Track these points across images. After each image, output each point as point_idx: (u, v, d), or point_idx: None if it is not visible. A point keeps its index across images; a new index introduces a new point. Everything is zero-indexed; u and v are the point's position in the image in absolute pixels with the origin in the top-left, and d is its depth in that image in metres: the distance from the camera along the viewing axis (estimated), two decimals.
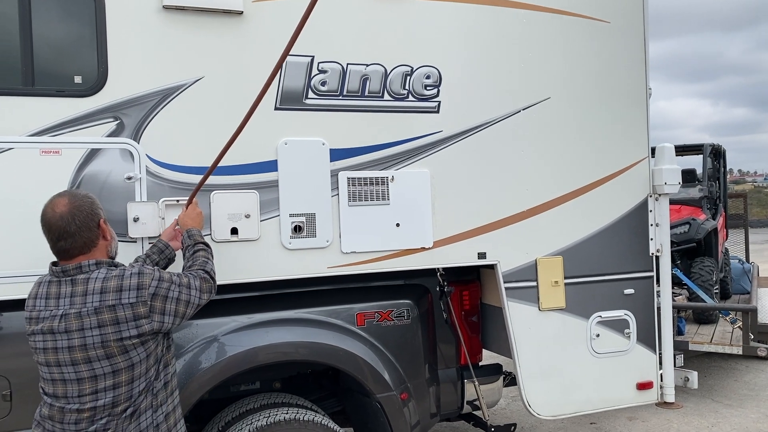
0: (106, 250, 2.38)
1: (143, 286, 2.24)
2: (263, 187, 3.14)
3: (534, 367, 3.66)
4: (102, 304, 2.18)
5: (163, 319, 2.29)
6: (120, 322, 2.19)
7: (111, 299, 2.19)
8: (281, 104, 3.17)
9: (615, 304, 3.84)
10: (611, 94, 3.83)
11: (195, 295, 2.40)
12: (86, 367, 2.18)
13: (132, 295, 2.21)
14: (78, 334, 2.17)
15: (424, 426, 3.66)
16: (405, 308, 3.52)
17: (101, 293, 2.20)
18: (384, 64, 3.34)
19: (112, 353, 2.19)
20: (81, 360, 2.18)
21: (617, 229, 3.84)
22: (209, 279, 2.50)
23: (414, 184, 3.39)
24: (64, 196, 2.33)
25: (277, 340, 3.19)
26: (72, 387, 2.20)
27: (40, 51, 2.83)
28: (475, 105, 3.53)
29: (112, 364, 2.19)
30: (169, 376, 2.40)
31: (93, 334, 2.17)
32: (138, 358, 2.24)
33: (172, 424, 2.39)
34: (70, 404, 2.21)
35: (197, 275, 2.46)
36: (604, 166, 3.81)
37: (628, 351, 3.87)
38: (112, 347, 2.19)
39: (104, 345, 2.18)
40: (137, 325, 2.21)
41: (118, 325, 2.19)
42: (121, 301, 2.20)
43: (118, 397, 2.21)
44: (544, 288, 3.68)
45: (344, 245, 3.27)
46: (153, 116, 2.98)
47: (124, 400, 2.22)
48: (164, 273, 2.35)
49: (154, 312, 2.26)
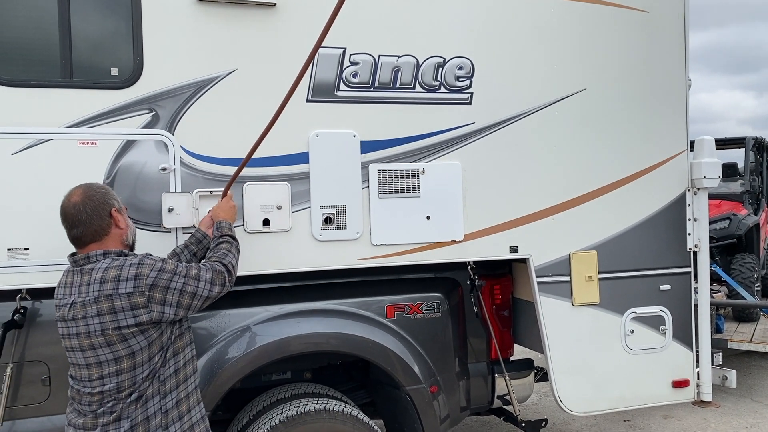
0: (120, 239, 2.43)
1: (141, 276, 2.28)
2: (295, 179, 3.15)
3: (566, 363, 3.61)
4: (101, 294, 2.24)
5: (163, 309, 2.31)
6: (117, 312, 2.24)
7: (109, 289, 2.25)
8: (313, 96, 3.18)
9: (650, 300, 3.77)
10: (649, 86, 3.74)
11: (203, 287, 2.42)
12: (91, 353, 2.26)
13: (129, 285, 2.26)
14: (82, 322, 2.25)
15: (454, 419, 3.65)
16: (435, 301, 3.50)
17: (101, 283, 2.26)
18: (416, 55, 3.32)
19: (112, 341, 2.25)
20: (87, 347, 2.26)
21: (654, 223, 3.76)
22: (224, 272, 2.50)
23: (445, 176, 3.37)
24: (80, 187, 2.41)
25: (308, 331, 3.21)
26: (83, 371, 2.30)
27: (78, 44, 2.88)
28: (509, 96, 3.48)
29: (113, 352, 2.26)
30: (181, 363, 2.44)
31: (94, 323, 2.24)
32: (138, 346, 2.28)
33: (185, 410, 2.42)
34: (85, 387, 2.30)
35: (210, 267, 2.48)
36: (641, 159, 3.73)
37: (663, 348, 3.80)
38: (111, 335, 2.24)
39: (104, 333, 2.24)
40: (134, 315, 2.26)
41: (116, 314, 2.24)
42: (118, 291, 2.24)
43: (122, 383, 2.27)
44: (577, 283, 3.62)
45: (374, 237, 3.26)
46: (187, 108, 3.01)
47: (128, 386, 2.28)
48: (168, 264, 2.37)
49: (153, 302, 2.29)
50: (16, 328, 2.88)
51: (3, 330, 2.83)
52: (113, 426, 2.26)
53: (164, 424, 2.33)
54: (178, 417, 2.38)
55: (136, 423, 2.28)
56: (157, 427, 2.31)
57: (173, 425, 2.36)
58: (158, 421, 2.32)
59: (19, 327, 2.88)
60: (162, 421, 2.33)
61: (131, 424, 2.27)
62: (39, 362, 2.93)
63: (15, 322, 2.86)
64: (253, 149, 2.77)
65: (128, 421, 2.26)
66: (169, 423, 2.35)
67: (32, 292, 2.92)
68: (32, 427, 2.92)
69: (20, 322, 2.87)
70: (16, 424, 2.91)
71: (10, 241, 2.80)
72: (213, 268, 2.48)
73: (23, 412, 2.92)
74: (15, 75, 2.80)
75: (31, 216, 2.79)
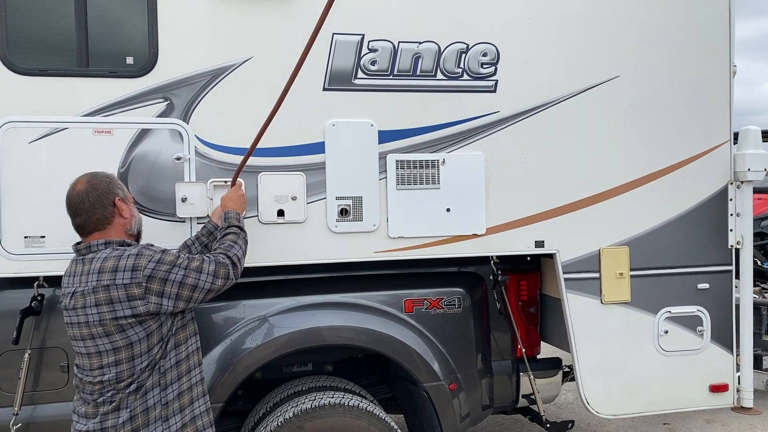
0: (124, 228, 2.42)
1: (138, 267, 2.25)
2: (310, 169, 3.09)
3: (594, 363, 3.45)
4: (98, 284, 2.23)
5: (160, 301, 2.29)
6: (114, 302, 2.22)
7: (106, 279, 2.23)
8: (329, 85, 3.10)
9: (687, 300, 3.56)
10: (689, 72, 3.52)
11: (206, 280, 2.38)
12: (91, 343, 2.26)
13: (126, 276, 2.24)
14: (81, 311, 2.25)
15: (475, 418, 3.55)
16: (456, 296, 3.40)
17: (99, 273, 2.24)
18: (437, 41, 3.20)
19: (110, 331, 2.24)
20: (87, 336, 2.26)
21: (692, 218, 3.55)
22: (228, 264, 2.46)
23: (467, 167, 3.25)
24: (85, 176, 2.42)
25: (320, 324, 3.16)
26: (85, 360, 2.30)
27: (94, 32, 2.88)
28: (536, 84, 3.33)
29: (111, 342, 2.25)
30: (183, 355, 2.41)
31: (92, 312, 2.23)
32: (136, 337, 2.26)
33: (187, 402, 2.40)
34: (87, 376, 2.31)
35: (214, 259, 2.44)
36: (679, 150, 3.52)
37: (700, 350, 3.59)
38: (109, 326, 2.23)
39: (102, 323, 2.23)
40: (131, 306, 2.24)
41: (112, 304, 2.22)
42: (115, 282, 2.23)
43: (121, 374, 2.26)
44: (607, 280, 3.45)
45: (392, 230, 3.18)
46: (202, 97, 2.98)
47: (127, 377, 2.27)
48: (168, 255, 2.34)
49: (150, 294, 2.26)
50: (34, 314, 2.91)
51: (21, 317, 2.87)
52: (112, 415, 2.25)
53: (164, 416, 2.32)
54: (179, 409, 2.36)
55: (136, 414, 2.27)
56: (156, 418, 2.30)
57: (173, 417, 2.34)
58: (158, 413, 2.30)
59: (36, 314, 2.92)
60: (162, 413, 2.31)
61: (130, 415, 2.26)
62: (57, 348, 2.97)
63: (32, 309, 2.90)
64: (257, 139, 2.73)
65: (127, 411, 2.26)
66: (170, 415, 2.33)
67: (50, 279, 2.95)
68: (51, 413, 2.97)
69: (37, 309, 2.91)
70: (35, 409, 2.96)
71: (27, 228, 2.83)
72: (217, 260, 2.44)
73: (42, 397, 2.96)
74: (31, 64, 2.82)
75: (48, 204, 2.81)
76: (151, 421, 2.29)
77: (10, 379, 2.91)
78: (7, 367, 2.92)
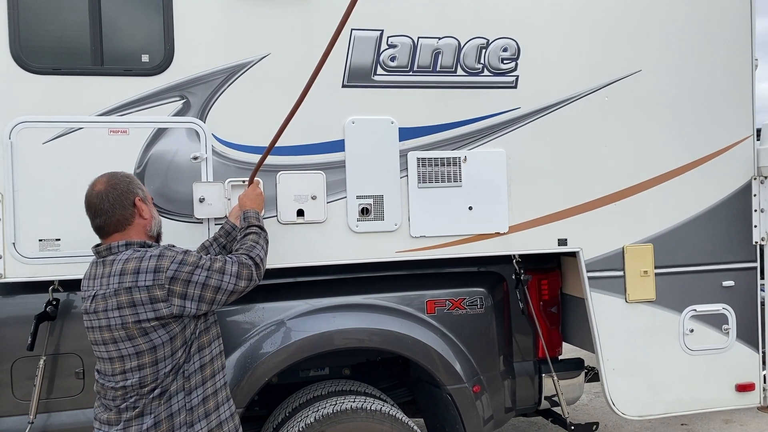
0: (144, 229, 2.36)
1: (161, 269, 2.19)
2: (330, 168, 3.03)
3: (619, 363, 3.38)
4: (120, 286, 2.17)
5: (184, 303, 2.22)
6: (136, 305, 2.16)
7: (128, 281, 2.17)
8: (349, 81, 3.04)
9: (712, 297, 3.50)
10: (711, 66, 3.46)
11: (228, 281, 2.31)
12: (113, 347, 2.19)
13: (149, 277, 2.17)
14: (103, 315, 2.18)
15: (498, 420, 3.47)
16: (478, 296, 3.33)
17: (120, 275, 2.18)
18: (457, 36, 3.14)
19: (132, 335, 2.17)
20: (109, 340, 2.19)
21: (716, 214, 3.49)
22: (251, 265, 2.39)
23: (488, 164, 3.19)
24: (105, 176, 2.35)
25: (343, 326, 3.09)
26: (106, 366, 2.24)
27: (109, 30, 2.82)
28: (557, 79, 3.27)
29: (135, 346, 2.18)
30: (207, 359, 2.34)
31: (114, 316, 2.17)
32: (160, 340, 2.20)
33: (212, 407, 2.33)
34: (109, 382, 2.24)
35: (236, 260, 2.37)
36: (701, 145, 3.46)
37: (726, 349, 3.52)
38: (132, 329, 2.17)
39: (124, 327, 2.17)
40: (154, 309, 2.17)
41: (135, 307, 2.16)
42: (137, 284, 2.16)
43: (145, 378, 2.20)
44: (631, 278, 3.39)
45: (413, 229, 3.11)
46: (219, 95, 2.92)
47: (150, 381, 2.20)
48: (191, 256, 2.27)
49: (173, 296, 2.19)
50: (49, 320, 2.84)
51: (35, 322, 2.79)
52: (136, 422, 2.18)
53: (189, 422, 2.24)
54: (205, 414, 2.29)
55: (160, 420, 2.19)
56: (182, 424, 2.22)
57: (199, 423, 2.26)
58: (183, 418, 2.23)
59: (51, 319, 2.85)
60: (187, 419, 2.24)
61: (155, 421, 2.18)
62: (72, 354, 2.90)
63: (47, 314, 2.82)
64: (276, 137, 2.67)
65: (151, 417, 2.18)
66: (195, 420, 2.25)
67: (65, 283, 2.88)
68: (66, 420, 2.90)
69: (52, 314, 2.84)
70: (50, 417, 2.89)
71: (42, 231, 2.76)
72: (239, 261, 2.37)
73: (57, 405, 2.89)
74: (45, 63, 2.75)
75: (62, 206, 2.74)
76: (176, 426, 2.22)
77: (24, 386, 2.83)
78: (21, 373, 2.84)
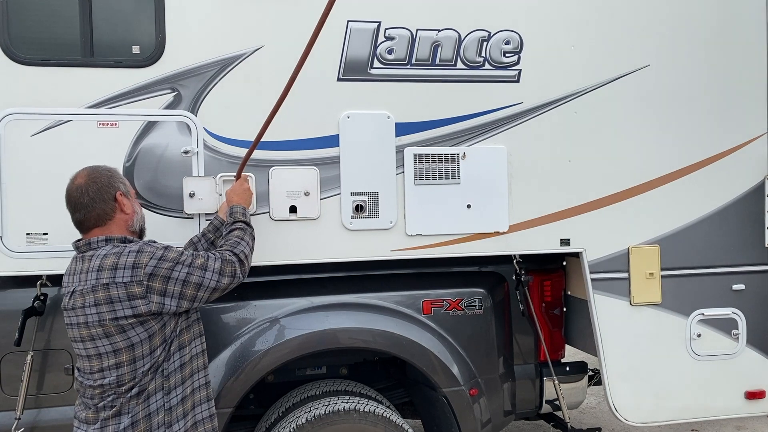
0: (125, 224, 2.30)
1: (139, 265, 2.13)
2: (324, 164, 2.96)
3: (623, 368, 3.28)
4: (98, 282, 2.12)
5: (163, 300, 2.16)
6: (114, 301, 2.11)
7: (106, 277, 2.11)
8: (344, 75, 2.96)
9: (721, 301, 3.37)
10: (723, 61, 3.33)
11: (210, 278, 2.25)
12: (91, 344, 2.14)
13: (126, 274, 2.11)
14: (81, 311, 2.13)
15: (497, 424, 3.38)
16: (477, 297, 3.23)
17: (98, 271, 2.13)
18: (458, 28, 3.05)
19: (110, 332, 2.12)
20: (87, 337, 2.14)
21: (726, 215, 3.36)
22: (234, 261, 2.33)
23: (488, 161, 3.09)
24: (86, 169, 2.31)
25: (334, 326, 3.02)
26: (85, 363, 2.19)
27: (99, 21, 2.77)
28: (561, 73, 3.17)
29: (112, 343, 2.13)
30: (187, 357, 2.28)
31: (91, 312, 2.12)
32: (138, 338, 2.14)
33: (189, 407, 2.27)
34: (87, 380, 2.19)
35: (219, 256, 2.31)
36: (712, 143, 3.34)
37: (735, 354, 3.40)
38: (109, 326, 2.12)
39: (101, 324, 2.11)
40: (132, 306, 2.12)
41: (112, 304, 2.11)
42: (115, 280, 2.11)
43: (122, 377, 2.14)
44: (637, 280, 3.28)
45: (409, 227, 3.03)
46: (211, 87, 2.86)
47: (128, 380, 2.15)
48: (171, 252, 2.22)
49: (152, 292, 2.14)
50: (37, 315, 2.80)
51: (23, 317, 2.75)
52: (113, 421, 2.13)
53: (168, 422, 2.19)
54: (183, 415, 2.23)
55: (137, 419, 2.14)
56: (160, 424, 2.17)
57: (177, 423, 2.21)
58: (161, 419, 2.17)
59: (39, 314, 2.81)
60: (165, 419, 2.18)
61: (132, 421, 2.13)
62: (61, 350, 2.86)
63: (35, 309, 2.79)
64: (262, 131, 2.60)
65: (128, 416, 2.13)
66: (173, 421, 2.20)
67: (54, 278, 2.84)
68: (54, 417, 2.86)
69: (40, 309, 2.80)
70: (38, 413, 2.85)
71: (29, 225, 2.72)
72: (222, 257, 2.31)
73: (45, 401, 2.85)
74: (33, 53, 2.71)
75: (50, 200, 2.68)
76: (154, 427, 2.16)
77: (12, 381, 2.79)
78: (9, 369, 2.81)
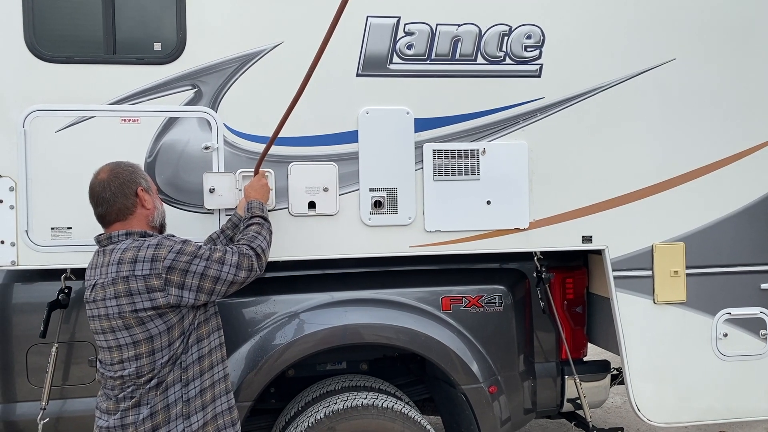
0: (146, 219, 2.35)
1: (158, 258, 2.17)
2: (342, 159, 2.96)
3: (646, 367, 3.22)
4: (118, 275, 2.16)
5: (181, 293, 2.19)
6: (133, 294, 2.15)
7: (125, 270, 2.16)
8: (363, 70, 2.96)
9: (749, 300, 3.29)
10: (753, 54, 3.24)
11: (228, 272, 2.27)
12: (111, 336, 2.19)
13: (146, 267, 2.15)
14: (101, 304, 2.18)
15: (517, 422, 3.35)
16: (497, 294, 3.21)
17: (118, 264, 2.17)
18: (478, 23, 3.02)
19: (129, 324, 2.16)
20: (107, 329, 2.19)
21: (755, 212, 3.28)
22: (251, 255, 2.35)
23: (509, 157, 3.06)
24: (109, 165, 2.36)
25: (357, 321, 3.02)
26: (106, 355, 2.24)
27: (121, 18, 2.80)
28: (584, 68, 3.11)
29: (132, 335, 2.17)
30: (206, 350, 2.31)
31: (111, 305, 2.16)
32: (156, 330, 2.18)
33: (209, 400, 2.30)
34: (108, 371, 2.23)
35: (237, 250, 2.34)
36: (740, 138, 3.25)
37: (763, 355, 3.31)
38: (129, 318, 2.16)
39: (121, 316, 2.16)
40: (151, 298, 2.15)
41: (132, 296, 2.15)
42: (134, 273, 2.15)
43: (141, 368, 2.18)
44: (661, 278, 3.21)
45: (428, 223, 3.01)
46: (231, 84, 2.88)
47: (147, 371, 2.19)
48: (189, 246, 2.24)
49: (170, 285, 2.17)
50: (61, 307, 2.86)
51: (48, 309, 2.81)
52: (132, 411, 2.17)
53: (186, 413, 2.22)
54: (201, 407, 2.26)
55: (156, 410, 2.18)
56: (178, 415, 2.21)
57: (195, 414, 2.24)
58: (179, 410, 2.21)
59: (63, 307, 2.86)
60: (183, 410, 2.22)
61: (150, 411, 2.17)
62: (84, 342, 2.91)
63: (59, 302, 2.84)
64: (279, 127, 2.61)
65: (147, 407, 2.17)
66: (191, 412, 2.23)
67: (78, 271, 2.89)
68: (78, 407, 2.92)
69: (65, 302, 2.86)
70: (63, 404, 2.91)
71: (54, 220, 2.77)
72: (240, 251, 2.33)
73: (69, 392, 2.91)
74: (57, 51, 2.75)
75: (74, 195, 2.72)
76: (172, 418, 2.20)
77: (37, 372, 2.86)
78: (35, 360, 2.87)
